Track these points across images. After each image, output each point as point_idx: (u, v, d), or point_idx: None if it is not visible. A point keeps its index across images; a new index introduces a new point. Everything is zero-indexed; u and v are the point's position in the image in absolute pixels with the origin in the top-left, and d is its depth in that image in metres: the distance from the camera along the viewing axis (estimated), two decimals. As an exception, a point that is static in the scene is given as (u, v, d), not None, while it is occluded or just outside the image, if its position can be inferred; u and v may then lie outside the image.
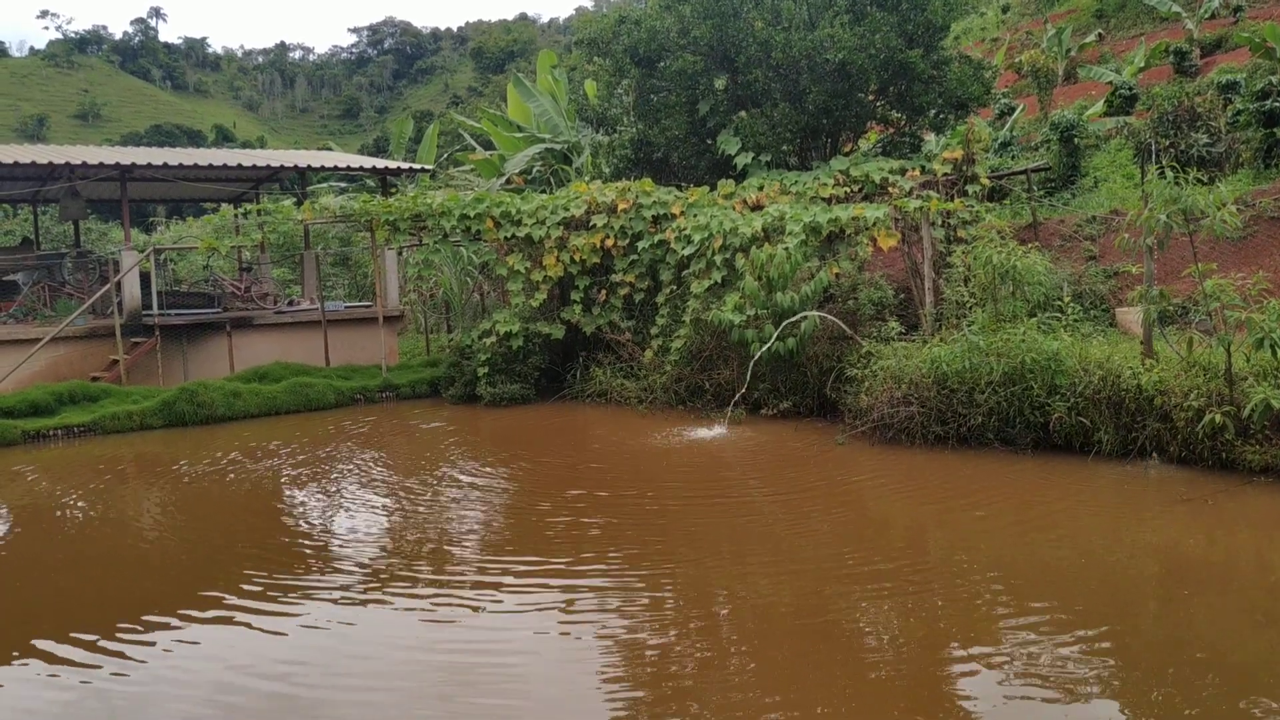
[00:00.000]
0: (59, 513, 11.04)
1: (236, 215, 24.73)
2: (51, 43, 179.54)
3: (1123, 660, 5.94)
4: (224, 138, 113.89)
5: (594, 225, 17.31)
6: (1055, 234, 17.75)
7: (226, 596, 7.71)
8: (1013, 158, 23.64)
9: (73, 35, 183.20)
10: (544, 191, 22.59)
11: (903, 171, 16.76)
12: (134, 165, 20.08)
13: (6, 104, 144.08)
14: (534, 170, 25.74)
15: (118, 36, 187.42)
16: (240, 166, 22.10)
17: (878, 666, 6.14)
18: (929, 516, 9.51)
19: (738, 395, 14.04)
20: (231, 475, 12.52)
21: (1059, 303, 12.49)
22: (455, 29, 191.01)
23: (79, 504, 11.34)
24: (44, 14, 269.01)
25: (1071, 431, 10.92)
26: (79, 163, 19.81)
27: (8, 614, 7.74)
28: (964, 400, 11.55)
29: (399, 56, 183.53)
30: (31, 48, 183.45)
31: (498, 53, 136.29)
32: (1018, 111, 27.98)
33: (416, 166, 24.69)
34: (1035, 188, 19.54)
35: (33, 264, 23.13)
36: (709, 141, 19.37)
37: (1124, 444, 10.61)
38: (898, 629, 6.63)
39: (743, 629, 6.85)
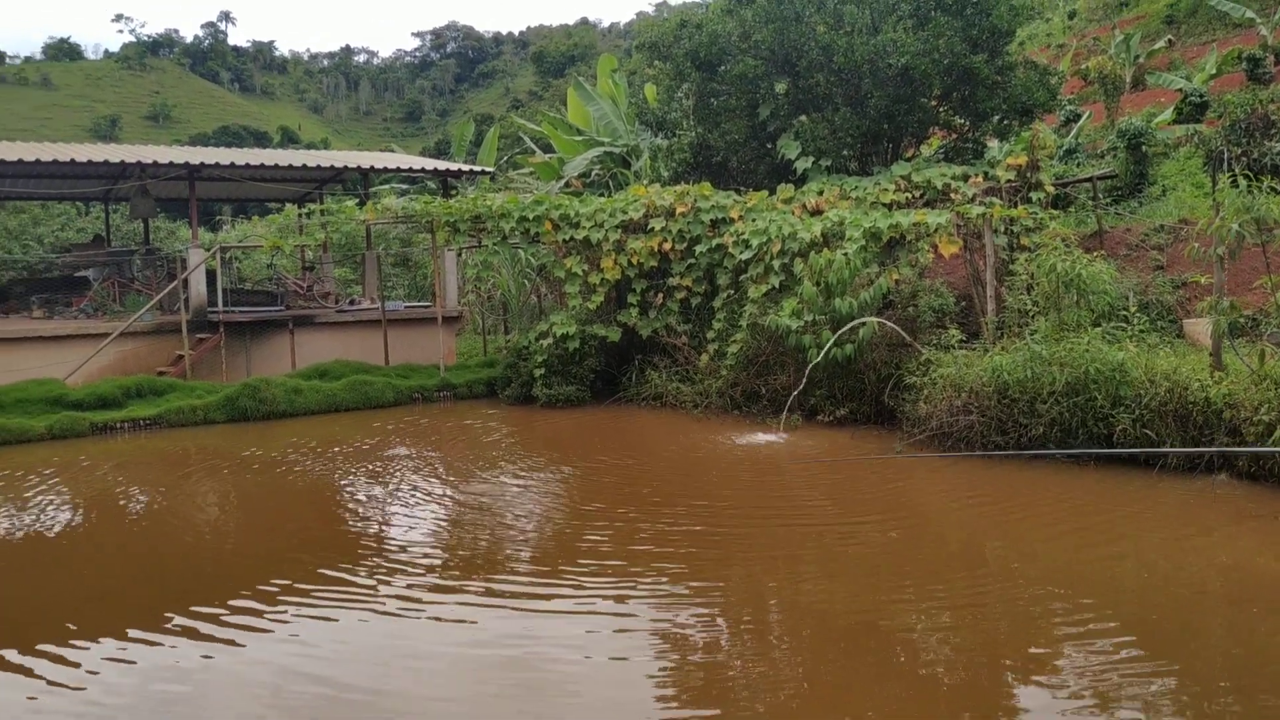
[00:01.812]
0: (122, 504, 11.28)
1: (300, 215, 25.12)
2: (125, 45, 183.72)
3: (1186, 678, 5.81)
4: (289, 139, 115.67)
5: (652, 228, 17.33)
6: (1121, 243, 17.43)
7: (282, 592, 7.83)
8: (1078, 165, 23.25)
9: (145, 38, 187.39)
10: (603, 194, 22.65)
11: (965, 177, 16.56)
12: (202, 165, 20.49)
13: (82, 105, 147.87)
14: (593, 173, 25.83)
15: (188, 40, 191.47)
16: (304, 167, 22.44)
17: (932, 676, 6.06)
18: (987, 526, 9.37)
19: (793, 401, 13.96)
20: (291, 471, 12.71)
21: (1124, 312, 12.26)
22: (517, 33, 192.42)
23: (143, 496, 11.58)
24: (119, 18, 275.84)
25: (1136, 444, 10.69)
26: (149, 162, 20.25)
27: (68, 602, 7.92)
28: (1025, 410, 11.38)
29: (461, 60, 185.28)
30: (106, 50, 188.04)
31: (558, 57, 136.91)
32: (1084, 118, 27.52)
33: (477, 169, 24.90)
34: (1101, 195, 19.21)
35: (104, 260, 23.72)
36: (769, 146, 19.30)
37: (1190, 457, 10.38)
38: (953, 639, 6.54)
39: (795, 635, 6.80)
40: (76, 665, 6.50)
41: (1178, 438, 10.44)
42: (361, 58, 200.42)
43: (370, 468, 12.64)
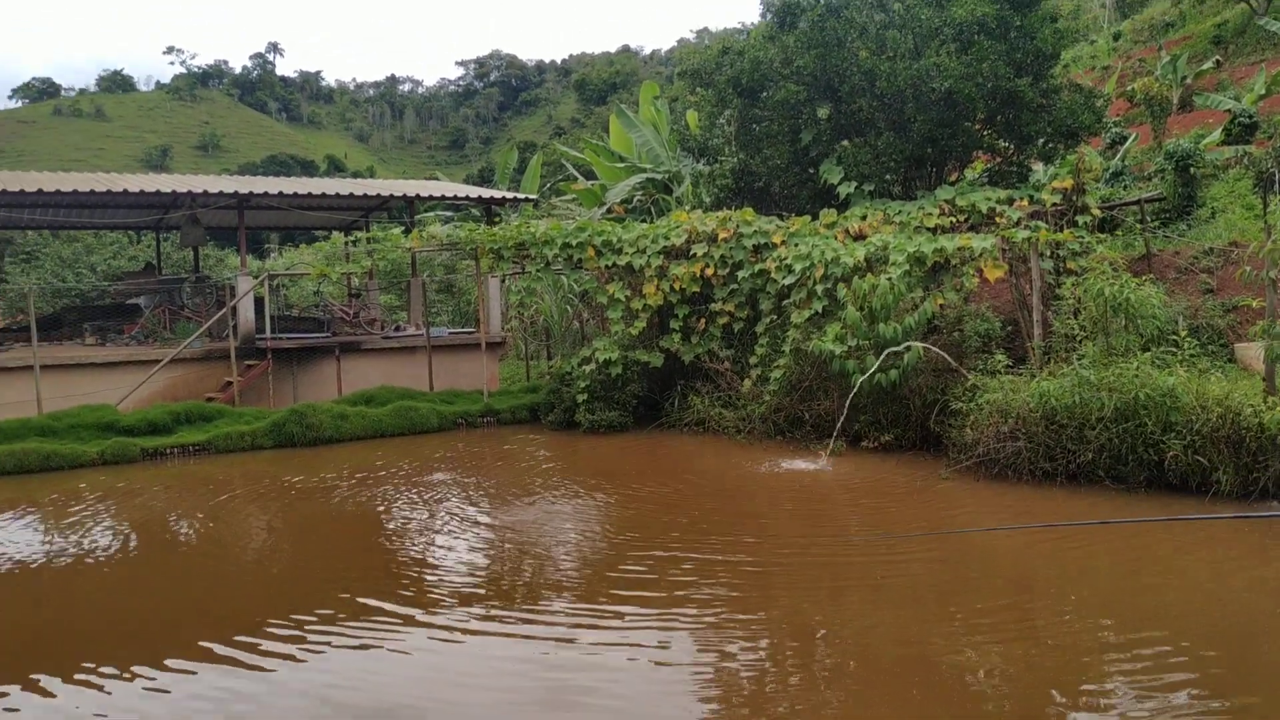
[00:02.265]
0: (167, 531, 11.42)
1: (346, 243, 25.44)
2: (176, 77, 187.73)
3: (1241, 713, 5.67)
4: (335, 168, 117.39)
5: (694, 254, 17.36)
6: (1170, 266, 17.20)
7: (327, 617, 7.88)
8: (1125, 188, 23.00)
9: (196, 70, 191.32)
10: (645, 221, 22.73)
11: (1010, 201, 16.44)
12: (251, 194, 20.83)
13: (133, 135, 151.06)
14: (635, 199, 25.94)
15: (237, 70, 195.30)
16: (351, 195, 22.74)
17: (981, 708, 5.97)
18: (1036, 555, 9.23)
19: (838, 427, 13.88)
20: (336, 497, 12.81)
21: (1174, 337, 12.08)
22: (559, 61, 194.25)
23: (188, 523, 11.71)
24: (170, 49, 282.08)
25: (1188, 471, 10.53)
26: (200, 192, 20.62)
27: (118, 627, 8.02)
28: (1074, 436, 11.23)
29: (504, 89, 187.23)
30: (158, 82, 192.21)
31: (600, 84, 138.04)
32: (1130, 141, 27.23)
33: (520, 196, 25.08)
34: (1149, 218, 18.98)
35: (155, 288, 24.15)
36: (811, 171, 19.29)
37: (1244, 485, 10.19)
38: (1002, 669, 6.44)
39: (840, 665, 6.73)
40: (105, 692, 6.58)
41: (1231, 464, 10.26)
42: (406, 87, 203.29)
43: (414, 494, 12.71)
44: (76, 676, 6.78)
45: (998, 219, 16.14)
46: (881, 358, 13.55)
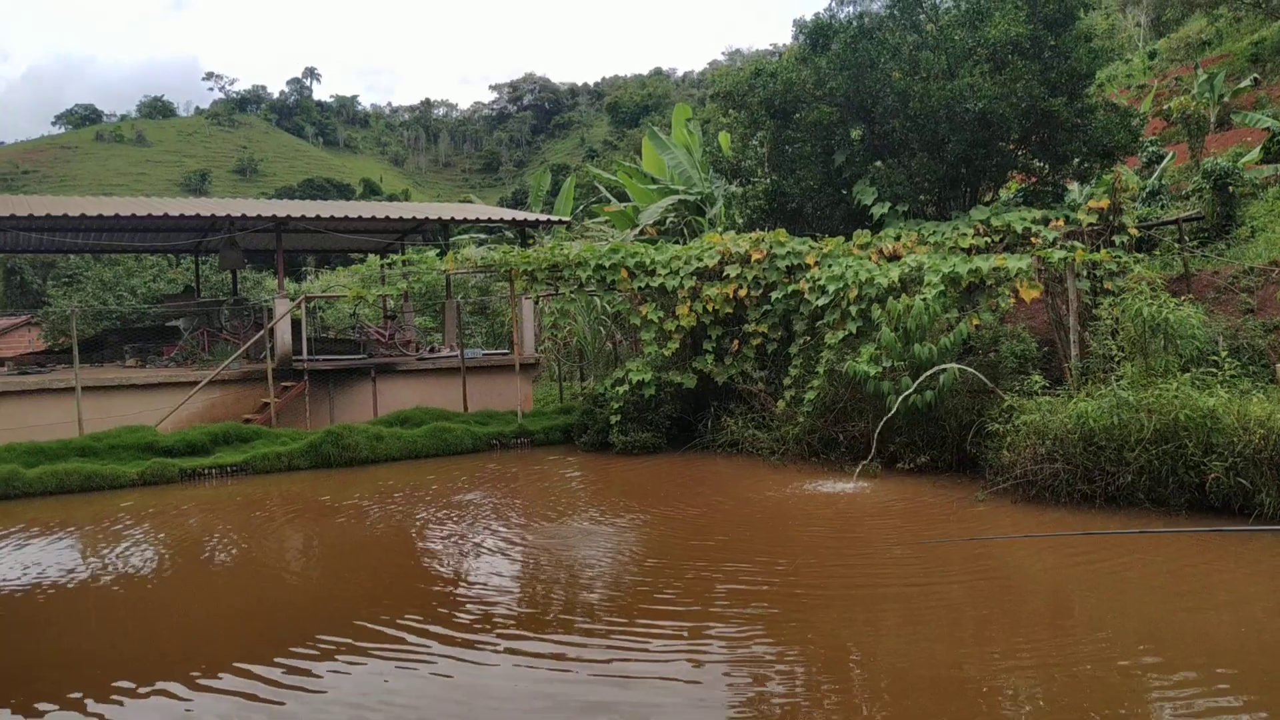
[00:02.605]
0: (203, 552, 11.52)
1: (382, 265, 25.64)
2: (215, 102, 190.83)
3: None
4: (371, 191, 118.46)
5: (727, 275, 17.37)
6: (1209, 286, 17.00)
7: (360, 636, 7.91)
8: (1162, 207, 22.79)
9: (234, 95, 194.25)
10: (678, 242, 22.78)
11: (1046, 221, 16.33)
12: (289, 217, 21.09)
13: (173, 160, 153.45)
14: (668, 221, 26.01)
15: (275, 96, 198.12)
16: (386, 219, 22.96)
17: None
18: (1075, 579, 9.12)
19: (873, 449, 13.81)
20: (371, 518, 12.89)
21: (1214, 357, 11.93)
22: (592, 84, 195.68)
23: (224, 544, 11.81)
24: (209, 76, 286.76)
25: (1230, 493, 10.37)
26: (238, 215, 20.91)
27: (152, 647, 8.10)
28: (1112, 458, 11.11)
29: (538, 112, 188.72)
30: (197, 108, 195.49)
31: (633, 107, 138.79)
32: (1167, 159, 26.99)
33: (553, 218, 25.24)
34: (1187, 238, 18.79)
35: (194, 310, 24.46)
36: (844, 192, 19.27)
37: (1288, 507, 10.03)
38: (1041, 697, 6.36)
39: (874, 690, 6.67)
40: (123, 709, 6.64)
41: (1274, 486, 10.10)
42: (441, 111, 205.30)
43: (448, 516, 12.76)
44: (114, 697, 6.86)
45: (1033, 239, 16.03)
46: (918, 379, 13.47)
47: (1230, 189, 20.72)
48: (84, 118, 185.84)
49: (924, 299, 14.11)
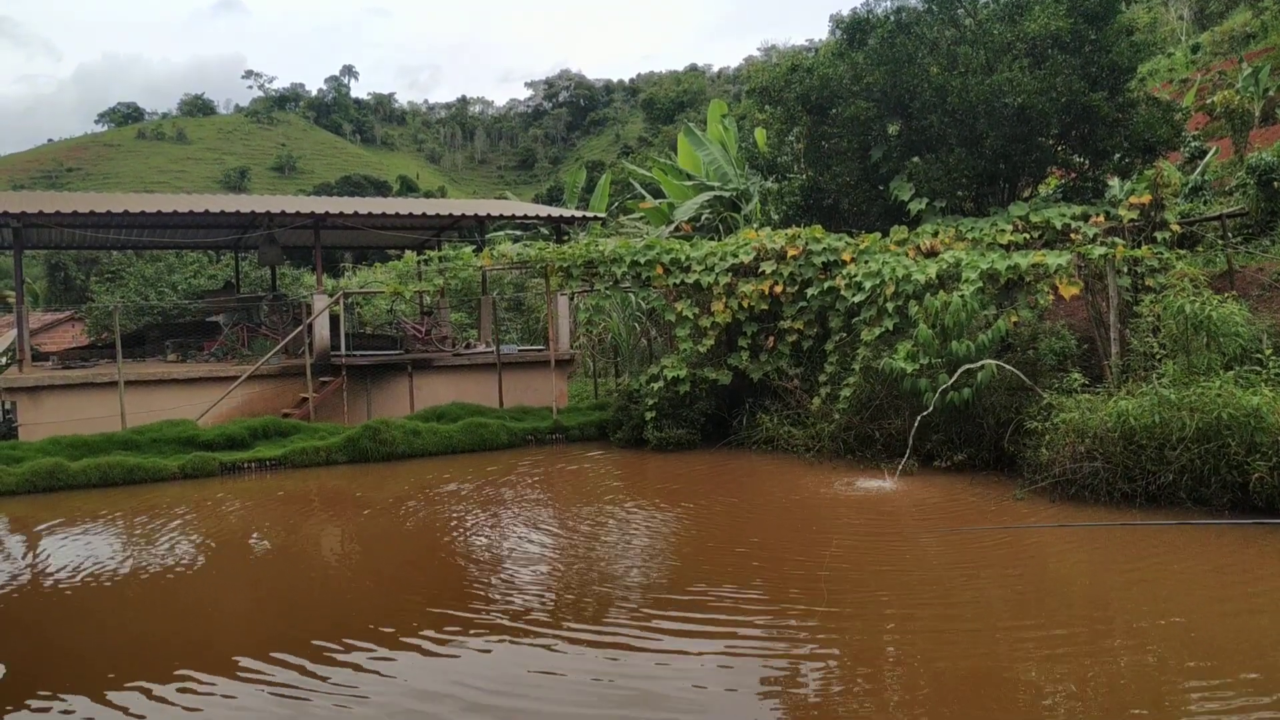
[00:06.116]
0: (250, 541, 11.67)
1: (419, 261, 25.80)
2: (254, 100, 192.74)
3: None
4: (407, 188, 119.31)
5: (763, 272, 17.33)
6: (1253, 283, 16.75)
7: (398, 629, 7.98)
8: (1205, 203, 22.47)
9: (273, 93, 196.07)
10: (713, 239, 22.74)
11: (1086, 217, 16.16)
12: (327, 214, 21.26)
13: (213, 157, 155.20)
14: (703, 217, 25.97)
15: (313, 93, 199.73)
16: (423, 215, 23.10)
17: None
18: (1114, 579, 9.02)
19: (909, 446, 13.73)
20: (408, 512, 12.99)
21: (1258, 355, 11.76)
22: (627, 81, 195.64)
23: (269, 533, 11.96)
24: (249, 74, 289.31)
25: (1274, 493, 10.23)
26: (278, 211, 21.10)
27: (185, 636, 8.21)
28: (1153, 457, 10.98)
29: (573, 109, 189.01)
30: (237, 105, 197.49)
31: (668, 103, 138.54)
32: (1210, 155, 26.60)
33: (589, 215, 25.27)
34: (1231, 234, 18.51)
35: (234, 306, 24.71)
36: (881, 188, 19.16)
37: (1335, 508, 9.88)
38: (1078, 696, 6.31)
39: (911, 688, 6.63)
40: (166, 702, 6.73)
41: (1320, 487, 9.95)
42: (477, 108, 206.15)
43: (483, 510, 12.84)
44: (149, 687, 6.97)
45: (1073, 235, 15.86)
46: (955, 376, 13.38)
47: (1275, 184, 20.37)
48: (126, 116, 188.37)
49: (962, 296, 14.00)
